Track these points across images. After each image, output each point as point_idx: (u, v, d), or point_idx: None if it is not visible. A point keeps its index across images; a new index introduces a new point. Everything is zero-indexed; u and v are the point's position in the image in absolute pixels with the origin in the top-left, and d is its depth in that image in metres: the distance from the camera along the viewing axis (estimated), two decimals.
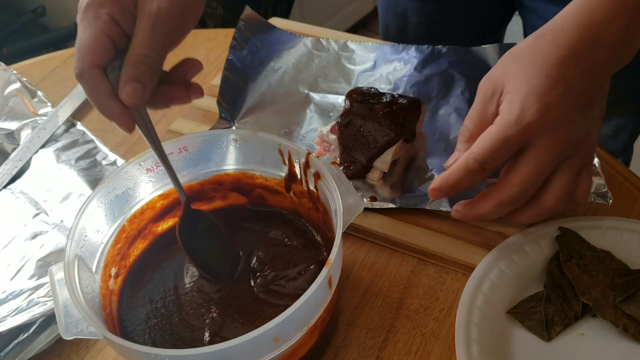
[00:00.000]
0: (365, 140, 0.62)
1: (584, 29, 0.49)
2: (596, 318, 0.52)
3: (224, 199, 0.59)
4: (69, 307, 0.43)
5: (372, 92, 0.66)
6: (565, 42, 0.49)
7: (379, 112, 0.63)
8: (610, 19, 0.49)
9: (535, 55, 0.50)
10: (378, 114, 0.63)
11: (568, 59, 0.49)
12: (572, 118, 0.49)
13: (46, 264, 0.59)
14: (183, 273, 0.53)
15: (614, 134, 0.93)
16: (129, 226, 0.53)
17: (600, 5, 0.49)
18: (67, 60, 0.89)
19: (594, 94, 0.50)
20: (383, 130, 0.62)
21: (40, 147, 0.72)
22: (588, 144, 0.51)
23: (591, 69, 0.49)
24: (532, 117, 0.48)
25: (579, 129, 0.50)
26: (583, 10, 0.50)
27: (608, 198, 0.55)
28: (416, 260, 0.59)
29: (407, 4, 0.91)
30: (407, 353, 0.52)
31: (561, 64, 0.49)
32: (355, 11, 2.33)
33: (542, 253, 0.56)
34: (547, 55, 0.50)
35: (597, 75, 0.50)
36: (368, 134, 0.63)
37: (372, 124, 0.63)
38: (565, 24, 0.50)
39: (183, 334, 0.48)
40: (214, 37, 0.91)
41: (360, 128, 0.63)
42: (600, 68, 0.50)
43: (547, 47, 0.50)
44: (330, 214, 0.49)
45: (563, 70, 0.49)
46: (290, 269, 0.51)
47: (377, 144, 0.62)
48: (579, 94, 0.49)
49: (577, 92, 0.49)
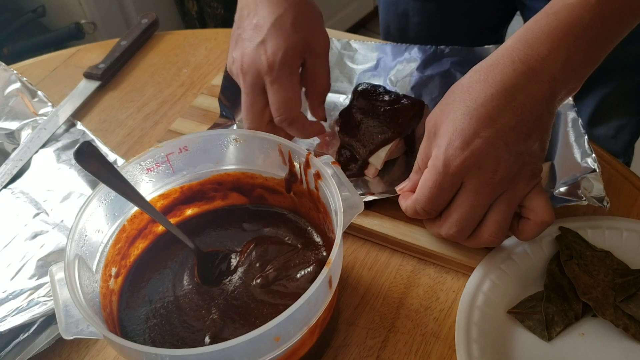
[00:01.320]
0: (362, 134, 0.63)
1: (519, 63, 0.49)
2: (596, 318, 0.52)
3: (224, 199, 0.59)
4: (69, 307, 0.43)
5: (378, 90, 0.66)
6: (497, 78, 0.49)
7: (380, 109, 0.63)
8: (548, 52, 0.49)
9: (467, 94, 0.50)
10: (379, 111, 0.63)
11: (498, 96, 0.49)
12: (500, 156, 0.49)
13: (46, 263, 0.59)
14: (183, 273, 0.53)
15: (615, 135, 0.93)
16: (129, 226, 0.53)
17: (538, 39, 0.49)
18: (67, 60, 0.89)
19: (529, 128, 0.49)
20: (381, 127, 0.62)
21: (41, 146, 0.72)
22: (524, 177, 0.51)
23: (525, 104, 0.49)
24: (457, 162, 0.49)
25: (510, 166, 0.49)
26: (520, 44, 0.50)
27: (605, 202, 0.55)
28: (416, 260, 0.59)
29: (408, 4, 0.91)
30: (408, 353, 0.52)
31: (490, 102, 0.49)
32: (355, 11, 2.33)
33: (542, 253, 0.56)
34: (478, 94, 0.50)
35: (533, 109, 0.49)
36: (366, 129, 0.63)
37: (372, 120, 0.63)
38: (501, 59, 0.50)
39: (183, 334, 0.48)
40: (214, 37, 0.91)
41: (360, 122, 0.63)
42: (535, 103, 0.49)
43: (479, 85, 0.50)
44: (331, 214, 0.49)
45: (491, 108, 0.49)
46: (291, 269, 0.51)
47: (374, 140, 0.62)
48: (510, 131, 0.49)
49: (506, 130, 0.49)
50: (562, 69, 0.49)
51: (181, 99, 0.80)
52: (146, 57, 0.88)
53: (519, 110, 0.49)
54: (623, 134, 0.94)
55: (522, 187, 0.51)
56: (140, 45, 0.90)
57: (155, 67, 0.86)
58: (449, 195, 0.52)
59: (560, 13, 0.49)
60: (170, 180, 0.55)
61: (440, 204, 0.53)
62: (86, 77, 0.83)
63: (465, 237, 0.54)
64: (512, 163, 0.50)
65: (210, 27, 1.83)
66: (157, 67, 0.86)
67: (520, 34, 0.51)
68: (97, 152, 0.46)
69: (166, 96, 0.81)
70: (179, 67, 0.86)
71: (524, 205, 0.53)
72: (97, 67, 0.83)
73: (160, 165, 0.53)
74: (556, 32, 0.49)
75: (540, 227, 0.52)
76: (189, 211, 0.58)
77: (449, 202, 0.53)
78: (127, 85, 0.84)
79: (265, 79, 0.58)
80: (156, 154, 0.53)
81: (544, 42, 0.49)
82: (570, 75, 0.50)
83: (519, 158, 0.50)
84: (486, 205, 0.51)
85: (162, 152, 0.53)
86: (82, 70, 0.84)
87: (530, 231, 0.53)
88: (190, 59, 0.87)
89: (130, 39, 0.88)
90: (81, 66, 0.86)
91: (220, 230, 0.57)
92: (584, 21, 0.49)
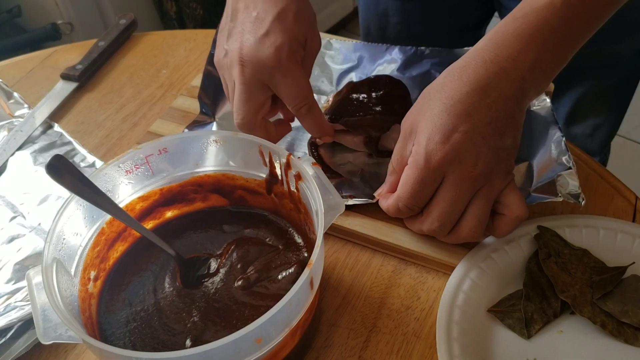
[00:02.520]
0: (351, 108, 0.64)
1: (490, 64, 0.51)
2: (574, 315, 0.52)
3: (205, 201, 0.58)
4: (47, 311, 0.42)
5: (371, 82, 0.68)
6: (471, 77, 0.51)
7: (372, 93, 0.65)
8: (517, 53, 0.50)
9: (443, 93, 0.52)
10: (372, 95, 0.65)
11: (472, 94, 0.51)
12: (479, 150, 0.51)
13: (23, 267, 0.58)
14: (164, 276, 0.52)
15: (592, 133, 0.95)
16: (108, 229, 0.52)
17: (507, 40, 0.51)
18: (44, 61, 0.87)
19: (503, 125, 0.51)
20: (372, 109, 0.64)
21: (17, 149, 0.71)
22: (500, 173, 0.52)
23: (498, 102, 0.51)
24: (438, 156, 0.51)
25: (488, 160, 0.51)
26: (491, 45, 0.52)
27: (581, 199, 0.55)
28: (397, 260, 0.59)
29: (388, 3, 0.91)
30: (389, 352, 0.52)
31: (466, 99, 0.51)
32: (335, 12, 2.34)
33: (521, 252, 0.57)
34: (453, 92, 0.51)
35: (505, 107, 0.51)
36: (356, 106, 0.64)
37: (365, 103, 0.64)
38: (473, 60, 0.52)
39: (164, 337, 0.48)
40: (194, 37, 0.90)
41: (353, 100, 0.65)
42: (507, 101, 0.51)
43: (454, 83, 0.52)
44: (312, 215, 0.49)
45: (467, 105, 0.51)
46: (272, 271, 0.51)
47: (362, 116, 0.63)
48: (486, 126, 0.51)
49: (483, 125, 0.51)
50: (531, 69, 0.51)
51: (160, 100, 0.80)
52: (124, 58, 0.88)
53: (493, 107, 0.51)
54: (599, 132, 0.95)
55: (498, 183, 0.52)
56: (118, 46, 0.89)
57: (133, 68, 0.86)
58: (431, 190, 0.53)
59: (527, 17, 0.51)
60: (150, 182, 0.55)
61: (422, 199, 0.53)
62: (63, 79, 0.82)
63: (446, 232, 0.54)
64: (490, 157, 0.51)
65: (189, 28, 1.82)
66: (136, 68, 0.86)
67: (491, 36, 0.52)
68: (69, 165, 0.45)
69: (145, 97, 0.80)
70: (158, 68, 0.85)
71: (499, 201, 0.54)
72: (74, 68, 0.82)
73: (140, 167, 0.53)
74: (524, 35, 0.51)
75: (514, 223, 0.54)
76: (169, 213, 0.58)
77: (431, 198, 0.54)
78: (105, 86, 0.83)
79: (274, 74, 0.57)
80: (135, 156, 0.52)
81: (513, 44, 0.51)
82: (538, 75, 0.52)
83: (495, 153, 0.51)
84: (466, 199, 0.52)
85: (141, 153, 0.52)
86: (59, 72, 0.83)
87: (505, 226, 0.54)
88: (170, 60, 0.86)
89: (108, 39, 0.88)
90: (58, 67, 0.85)
91: (201, 232, 0.56)
92: (550, 24, 0.50)
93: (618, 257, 0.56)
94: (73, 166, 0.46)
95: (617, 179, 0.65)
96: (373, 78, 0.68)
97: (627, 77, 0.91)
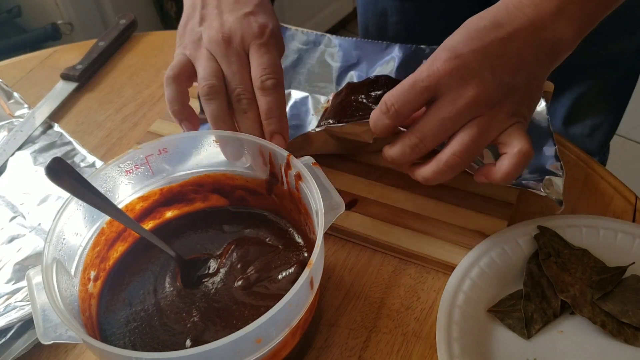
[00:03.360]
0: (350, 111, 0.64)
1: (512, 6, 0.50)
2: (574, 315, 0.52)
3: (205, 201, 0.58)
4: (47, 311, 0.42)
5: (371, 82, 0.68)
6: (490, 14, 0.51)
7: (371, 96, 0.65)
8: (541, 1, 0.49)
9: (462, 27, 0.52)
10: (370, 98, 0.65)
11: (489, 26, 0.50)
12: (483, 76, 0.49)
13: (23, 267, 0.58)
14: (164, 276, 0.52)
15: (591, 133, 0.95)
16: (108, 229, 0.52)
17: None
18: (44, 61, 0.87)
19: (514, 63, 0.50)
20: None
21: (17, 149, 0.71)
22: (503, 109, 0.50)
23: (512, 39, 0.50)
24: (441, 65, 0.49)
25: (491, 90, 0.49)
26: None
27: (559, 203, 0.55)
28: (397, 260, 0.59)
29: (387, 3, 0.91)
30: (389, 353, 0.52)
31: (482, 29, 0.50)
32: (335, 12, 2.34)
33: (521, 252, 0.57)
34: (470, 24, 0.51)
35: (520, 48, 0.50)
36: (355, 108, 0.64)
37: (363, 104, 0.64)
38: (497, 3, 0.52)
39: (164, 337, 0.48)
40: None
41: (353, 101, 0.65)
42: (523, 43, 0.50)
43: (474, 20, 0.52)
44: (312, 215, 0.49)
45: (482, 34, 0.50)
46: (272, 271, 0.51)
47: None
48: (495, 57, 0.49)
49: (493, 55, 0.49)
50: (553, 17, 0.49)
51: (160, 100, 0.80)
52: (124, 58, 0.88)
53: (507, 42, 0.49)
54: (598, 132, 0.95)
55: (500, 118, 0.50)
56: (118, 46, 0.89)
57: (133, 68, 0.86)
58: (420, 98, 0.50)
59: None
60: (150, 182, 0.55)
61: (406, 103, 0.51)
62: (63, 79, 0.82)
63: (423, 151, 0.52)
64: (494, 89, 0.49)
65: None
66: (136, 68, 0.86)
67: None
68: (69, 168, 0.45)
69: (145, 97, 0.80)
70: (158, 68, 0.85)
71: (501, 141, 0.51)
72: (74, 68, 0.82)
73: (140, 167, 0.53)
74: None
75: (516, 159, 0.50)
76: (169, 213, 0.58)
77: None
78: (105, 86, 0.83)
79: (253, 43, 0.57)
80: (135, 156, 0.52)
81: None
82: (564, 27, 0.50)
83: (501, 87, 0.49)
84: (457, 121, 0.50)
85: (141, 153, 0.52)
86: (59, 72, 0.83)
87: (509, 164, 0.50)
88: (169, 60, 0.85)
89: (108, 39, 0.88)
90: (58, 67, 0.85)
91: (201, 232, 0.57)
92: None
93: (618, 257, 0.56)
94: (72, 168, 0.46)
95: (617, 179, 0.65)
96: (372, 78, 0.68)
97: (626, 77, 0.91)
